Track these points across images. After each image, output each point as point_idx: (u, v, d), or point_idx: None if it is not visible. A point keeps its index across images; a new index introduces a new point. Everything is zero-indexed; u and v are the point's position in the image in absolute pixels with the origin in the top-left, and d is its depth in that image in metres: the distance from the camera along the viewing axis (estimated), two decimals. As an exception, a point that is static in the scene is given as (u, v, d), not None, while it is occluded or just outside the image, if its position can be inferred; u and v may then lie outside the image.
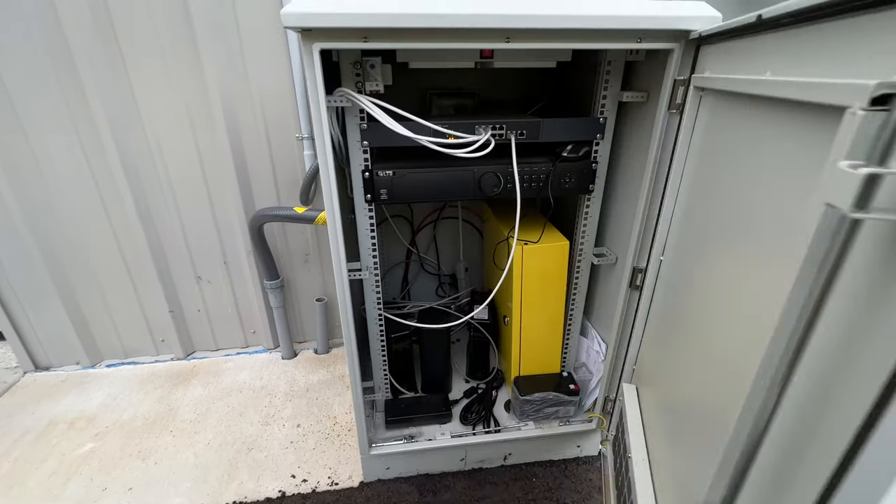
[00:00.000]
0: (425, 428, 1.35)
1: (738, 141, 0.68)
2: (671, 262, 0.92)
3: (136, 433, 1.52)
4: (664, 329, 0.93)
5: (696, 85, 0.77)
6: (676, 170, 0.86)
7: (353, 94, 0.91)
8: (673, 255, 0.91)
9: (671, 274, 0.92)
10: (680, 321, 0.86)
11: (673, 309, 0.90)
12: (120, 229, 1.67)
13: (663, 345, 0.93)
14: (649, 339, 0.99)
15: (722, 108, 0.73)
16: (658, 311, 0.97)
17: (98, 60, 1.43)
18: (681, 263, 0.87)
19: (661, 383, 0.91)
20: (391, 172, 1.05)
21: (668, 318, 0.92)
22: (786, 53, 0.57)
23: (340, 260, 0.99)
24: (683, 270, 0.86)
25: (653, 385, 0.96)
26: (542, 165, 1.10)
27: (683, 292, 0.85)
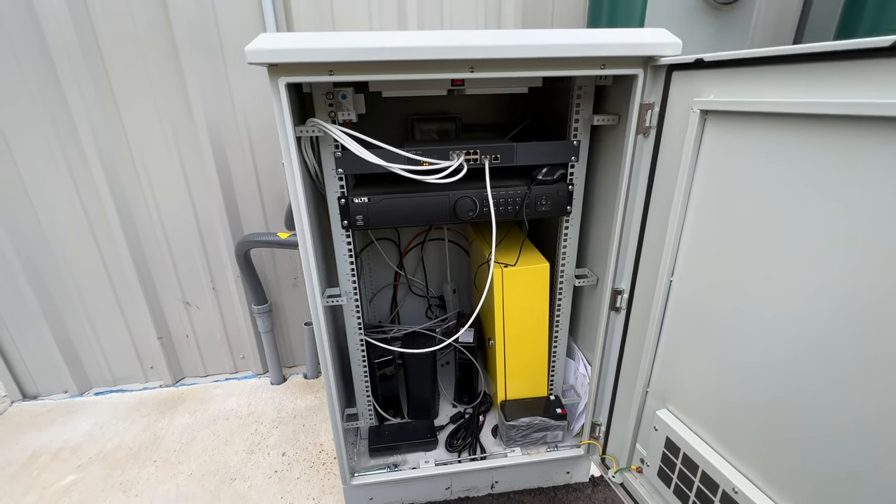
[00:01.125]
0: (410, 455, 1.32)
1: (756, 159, 0.70)
2: (688, 282, 0.91)
3: (119, 464, 1.50)
4: (692, 346, 0.91)
5: (700, 108, 0.78)
6: (681, 193, 0.86)
7: (323, 125, 0.92)
8: (688, 277, 0.90)
9: (689, 293, 0.90)
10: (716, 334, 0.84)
11: (701, 325, 0.88)
12: (108, 255, 1.69)
13: (695, 361, 0.90)
14: (675, 359, 0.96)
15: (733, 130, 0.74)
16: (677, 329, 0.95)
17: (85, 84, 1.46)
18: (701, 283, 0.86)
19: (723, 401, 0.86)
20: (366, 199, 1.06)
21: (698, 335, 0.89)
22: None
23: (314, 287, 0.98)
24: (705, 289, 0.85)
25: (708, 405, 0.90)
26: (518, 189, 1.11)
27: (711, 308, 0.84)
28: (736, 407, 0.81)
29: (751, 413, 0.79)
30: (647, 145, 0.93)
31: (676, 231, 0.89)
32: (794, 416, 0.71)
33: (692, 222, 0.87)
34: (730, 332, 0.80)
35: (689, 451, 0.90)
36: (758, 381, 0.76)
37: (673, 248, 0.91)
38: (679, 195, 0.86)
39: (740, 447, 0.82)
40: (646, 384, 1.06)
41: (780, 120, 0.66)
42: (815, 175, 0.62)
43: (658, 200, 0.93)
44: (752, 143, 0.71)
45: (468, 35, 0.79)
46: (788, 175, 0.66)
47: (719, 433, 0.87)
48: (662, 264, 0.93)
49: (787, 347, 0.70)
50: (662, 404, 1.02)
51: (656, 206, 0.93)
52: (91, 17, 1.41)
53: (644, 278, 1.00)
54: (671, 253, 0.91)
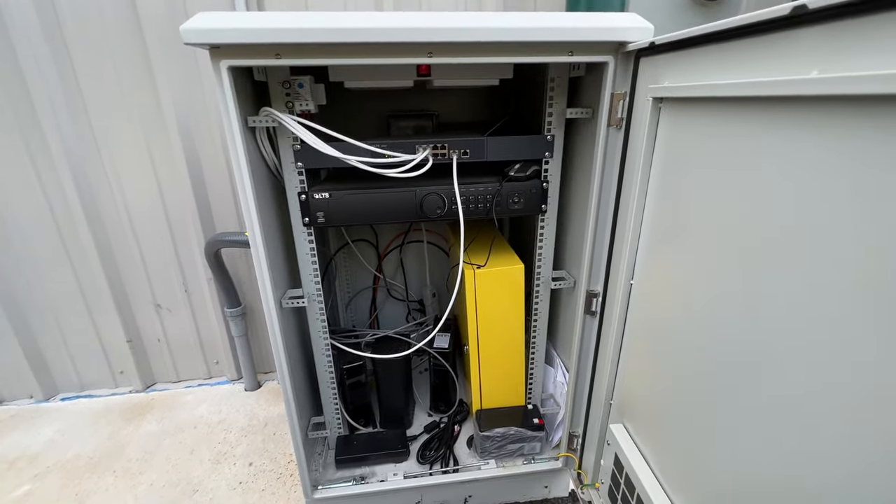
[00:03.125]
0: (380, 467, 1.25)
1: (712, 146, 0.63)
2: (644, 285, 0.84)
3: (77, 473, 1.43)
4: (652, 358, 0.83)
5: (653, 96, 0.72)
6: (636, 186, 0.80)
7: (276, 114, 0.87)
8: (645, 278, 0.84)
9: (646, 298, 0.83)
10: (666, 344, 0.77)
11: (651, 332, 0.81)
12: (75, 255, 1.63)
13: (655, 375, 0.82)
14: (631, 370, 0.90)
15: (688, 117, 0.67)
16: (638, 338, 0.88)
17: (50, 76, 1.41)
18: (658, 285, 0.79)
19: (664, 420, 0.78)
20: (327, 195, 1.00)
21: (655, 345, 0.81)
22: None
23: (266, 286, 0.93)
24: (662, 292, 0.78)
25: (653, 423, 0.83)
26: (490, 185, 1.05)
27: (666, 316, 0.76)
28: (672, 426, 0.75)
29: (688, 436, 0.72)
30: (618, 138, 0.87)
31: (634, 230, 0.83)
32: (733, 444, 0.62)
33: (649, 221, 0.81)
34: (674, 341, 0.74)
35: (630, 471, 0.84)
36: (694, 400, 0.69)
37: (632, 248, 0.85)
38: (635, 191, 0.81)
39: (674, 473, 0.75)
40: (609, 395, 0.99)
41: (726, 105, 0.59)
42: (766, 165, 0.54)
43: (626, 196, 0.87)
44: (703, 131, 0.64)
45: (424, 16, 0.74)
46: (739, 166, 0.58)
47: (657, 454, 0.80)
48: (622, 264, 0.88)
49: (727, 358, 0.63)
50: (621, 418, 0.95)
51: (625, 201, 0.88)
52: (55, 7, 1.37)
53: (613, 281, 0.95)
54: (630, 252, 0.85)
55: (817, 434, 0.49)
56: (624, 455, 0.84)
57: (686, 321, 0.70)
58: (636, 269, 0.85)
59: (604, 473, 0.97)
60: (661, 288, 0.77)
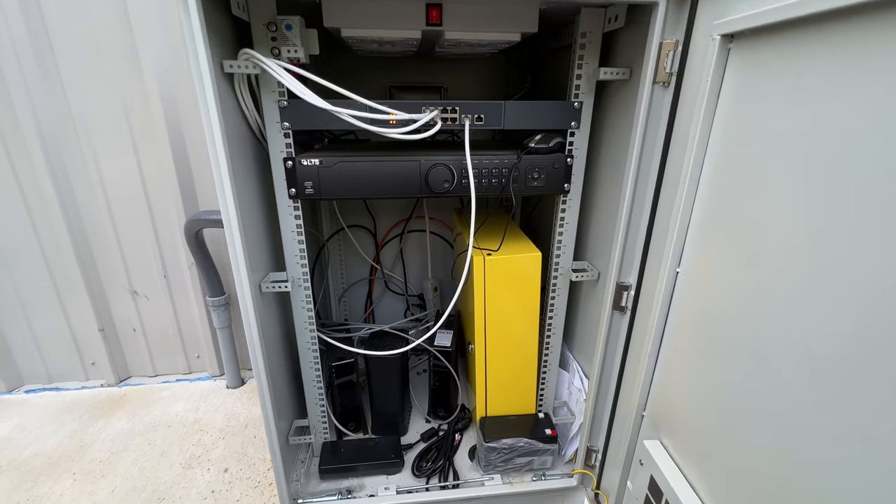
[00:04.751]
0: (369, 479, 1.11)
1: (810, 91, 0.48)
2: (696, 274, 0.69)
3: (32, 475, 1.28)
4: (704, 361, 0.68)
5: (721, 33, 0.58)
6: (690, 153, 0.66)
7: (258, 57, 0.73)
8: (698, 265, 0.69)
9: (699, 289, 0.69)
10: (726, 345, 0.62)
11: (706, 333, 0.67)
12: (43, 232, 1.49)
13: (708, 382, 0.67)
14: (674, 376, 0.75)
15: (773, 54, 0.52)
16: (685, 338, 0.73)
17: (20, 41, 1.28)
18: (717, 273, 0.65)
19: (721, 438, 0.63)
20: (317, 161, 0.86)
21: (710, 346, 0.66)
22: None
23: (239, 264, 0.78)
24: (722, 281, 0.63)
25: (704, 442, 0.68)
26: (506, 158, 0.91)
27: (727, 309, 0.62)
28: (738, 448, 0.60)
29: (755, 458, 0.57)
30: (665, 99, 0.73)
31: (686, 206, 0.69)
32: (817, 468, 0.49)
33: (705, 194, 0.67)
34: (737, 341, 0.59)
35: (671, 498, 0.69)
36: (770, 418, 0.55)
37: (681, 229, 0.70)
38: (689, 159, 0.67)
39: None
40: (642, 405, 0.84)
41: (835, 25, 0.44)
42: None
43: (673, 169, 0.73)
44: (796, 73, 0.49)
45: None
46: (849, 114, 0.44)
47: (710, 479, 0.65)
48: (667, 251, 0.73)
49: (818, 378, 0.49)
50: (657, 433, 0.80)
51: (671, 176, 0.73)
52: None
53: (651, 271, 0.80)
54: (678, 235, 0.71)
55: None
56: (664, 478, 0.70)
57: (757, 315, 0.56)
58: (685, 255, 0.71)
59: (632, 498, 0.82)
60: (722, 276, 0.63)
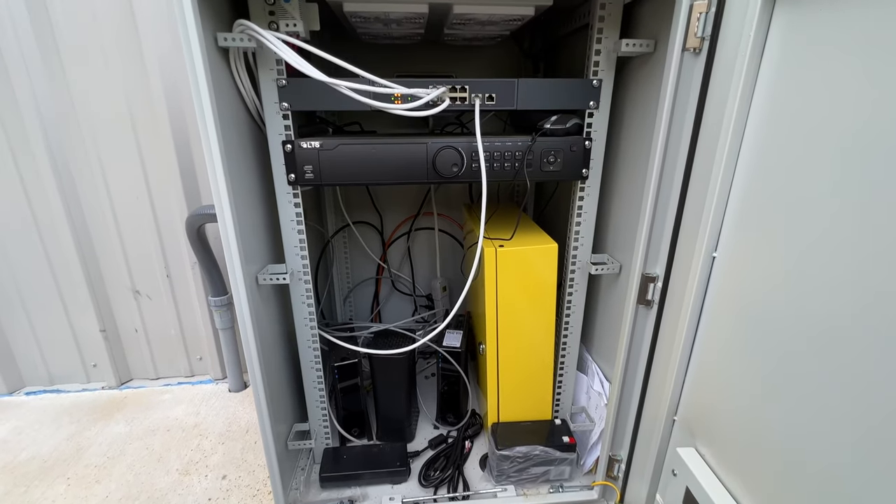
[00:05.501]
0: (373, 489, 1.03)
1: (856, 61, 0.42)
2: (736, 258, 0.62)
3: (26, 479, 1.23)
4: (749, 357, 0.60)
5: None
6: (729, 123, 0.59)
7: (254, 28, 0.68)
8: (739, 248, 0.61)
9: (740, 275, 0.61)
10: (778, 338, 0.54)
11: (749, 324, 0.59)
12: (46, 231, 1.46)
13: (755, 381, 0.58)
14: (711, 376, 0.67)
15: (817, 14, 0.46)
16: (724, 332, 0.65)
17: (24, 33, 1.26)
18: (752, 259, 0.58)
19: (772, 444, 0.55)
20: (317, 144, 0.81)
21: (757, 340, 0.58)
22: None
23: (232, 252, 0.73)
24: (769, 264, 0.56)
25: (750, 449, 0.59)
26: (519, 141, 0.85)
27: (777, 296, 0.54)
28: (784, 455, 0.52)
29: (815, 465, 0.50)
30: (696, 67, 0.66)
31: (724, 181, 0.62)
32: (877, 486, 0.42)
33: (746, 169, 0.59)
34: (794, 336, 0.51)
35: None
36: (832, 418, 0.47)
37: (717, 209, 0.63)
38: (728, 130, 0.60)
39: None
40: (672, 410, 0.76)
41: None
42: None
43: (706, 144, 0.65)
44: (854, 33, 0.43)
45: None
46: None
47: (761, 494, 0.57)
48: (701, 234, 0.65)
49: (873, 373, 0.41)
50: (691, 440, 0.72)
51: (703, 152, 0.66)
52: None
53: (682, 258, 0.72)
54: (714, 216, 0.63)
55: None
56: (702, 490, 0.61)
57: (814, 300, 0.48)
58: (722, 237, 0.63)
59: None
60: (770, 258, 0.55)
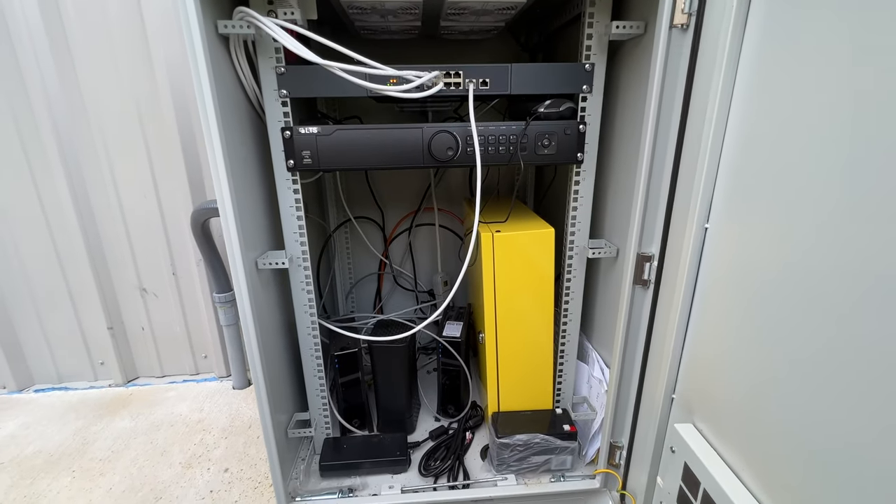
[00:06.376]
0: (373, 478, 1.03)
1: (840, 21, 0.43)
2: (728, 226, 0.62)
3: (32, 472, 1.25)
4: (744, 324, 0.59)
5: None
6: (716, 92, 0.60)
7: (254, 15, 0.71)
8: (730, 217, 0.61)
9: (733, 242, 0.61)
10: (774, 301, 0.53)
11: (743, 296, 0.58)
12: (57, 231, 1.50)
13: (751, 348, 0.58)
14: (706, 348, 0.66)
15: None
16: (719, 301, 0.64)
17: (38, 38, 1.31)
18: (743, 228, 0.58)
19: (770, 413, 0.54)
20: (315, 129, 0.83)
21: (752, 305, 0.57)
22: None
23: (232, 237, 0.74)
24: (749, 238, 0.56)
25: (747, 420, 0.59)
26: (513, 125, 0.86)
27: (772, 258, 0.53)
28: (783, 424, 0.52)
29: (799, 432, 0.49)
30: (684, 43, 0.67)
31: (713, 153, 0.62)
32: (870, 450, 0.42)
33: (734, 136, 0.60)
34: (791, 302, 0.51)
35: (710, 486, 0.59)
36: (820, 387, 0.47)
37: (707, 180, 0.63)
38: (715, 101, 0.60)
39: (781, 486, 0.52)
40: (671, 388, 0.75)
41: None
42: None
43: (696, 118, 0.66)
44: None
45: None
46: None
47: (754, 461, 0.56)
48: (692, 206, 0.66)
49: (868, 335, 0.41)
50: (689, 417, 0.71)
51: (693, 126, 0.67)
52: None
53: (676, 234, 0.72)
54: (705, 187, 0.63)
55: None
56: (700, 464, 0.61)
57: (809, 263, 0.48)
58: (714, 208, 0.63)
59: (664, 495, 0.72)
60: (762, 225, 0.55)
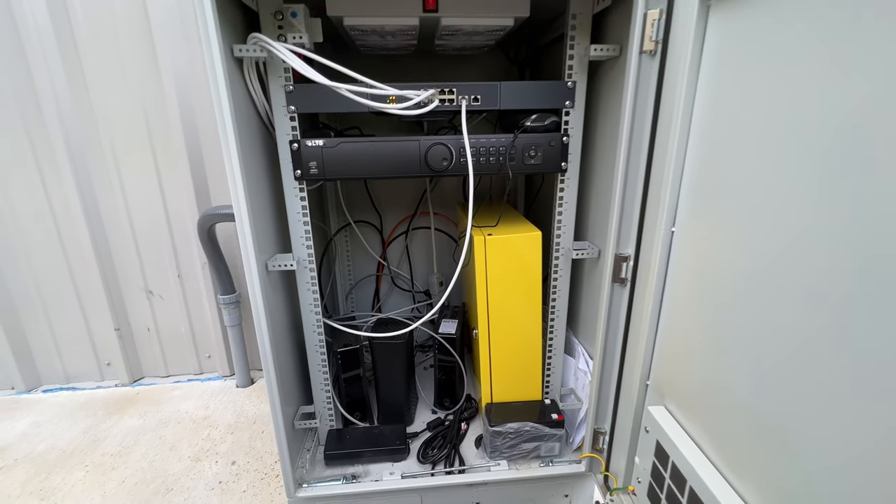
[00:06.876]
0: (374, 466, 1.10)
1: (785, 39, 0.51)
2: (690, 230, 0.70)
3: (45, 467, 1.30)
4: (703, 316, 0.68)
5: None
6: (678, 112, 0.68)
7: (266, 40, 0.78)
8: (691, 221, 0.70)
9: (694, 245, 0.69)
10: (724, 297, 0.62)
11: (700, 288, 0.67)
12: (67, 236, 1.55)
13: (707, 337, 0.67)
14: (674, 339, 0.75)
15: (748, 9, 0.55)
16: (683, 298, 0.73)
17: (50, 51, 1.37)
18: (710, 225, 0.65)
19: (723, 392, 0.63)
20: (321, 142, 0.90)
21: (708, 300, 0.66)
22: None
23: (247, 242, 0.81)
24: (716, 233, 0.64)
25: (706, 400, 0.67)
26: (502, 137, 0.94)
27: (723, 260, 0.62)
28: (735, 403, 0.60)
29: (749, 408, 0.58)
30: (652, 67, 0.76)
31: (677, 163, 0.71)
32: (805, 420, 0.50)
33: (693, 153, 0.68)
34: (734, 299, 0.59)
35: (678, 459, 0.68)
36: (757, 364, 0.56)
37: (672, 189, 0.72)
38: (678, 119, 0.69)
39: (735, 455, 0.60)
40: (645, 375, 0.84)
41: None
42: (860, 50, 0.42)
43: (663, 132, 0.74)
44: (769, 26, 0.52)
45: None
46: (822, 60, 0.45)
47: (714, 435, 0.65)
48: (661, 211, 0.74)
49: (801, 323, 0.50)
50: (661, 400, 0.80)
51: (661, 140, 0.75)
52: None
53: (648, 236, 0.81)
54: (671, 195, 0.72)
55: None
56: (669, 440, 0.69)
57: (753, 264, 0.56)
58: (678, 213, 0.72)
59: (640, 472, 0.80)
60: (715, 228, 0.63)
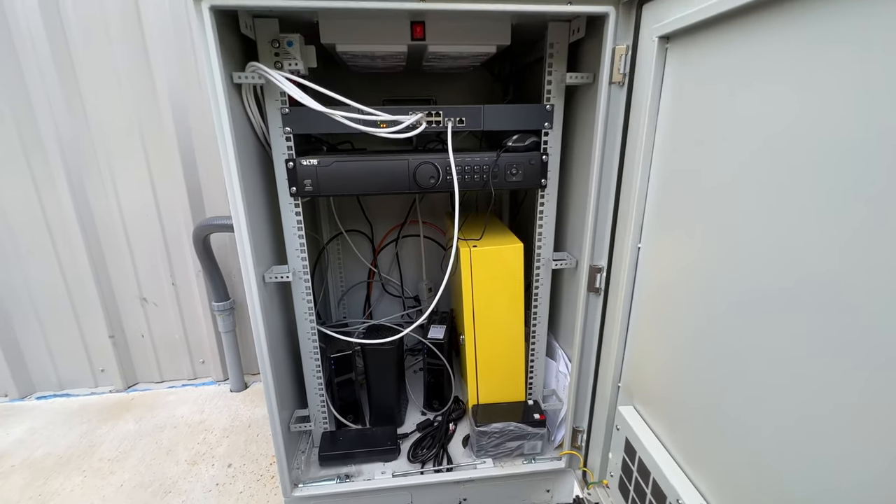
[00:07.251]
0: (367, 466, 1.16)
1: (729, 77, 0.58)
2: (653, 246, 0.78)
3: (43, 472, 1.33)
4: (663, 326, 0.76)
5: (659, 35, 0.68)
6: (642, 139, 0.75)
7: (263, 69, 0.83)
8: (654, 238, 0.77)
9: (656, 261, 0.77)
10: (680, 309, 0.70)
11: (660, 299, 0.75)
12: (61, 243, 1.58)
13: (667, 345, 0.75)
14: (640, 346, 0.83)
15: (699, 49, 0.62)
16: (647, 308, 0.81)
17: (44, 60, 1.40)
18: (668, 243, 0.73)
19: (679, 394, 0.70)
20: (315, 161, 0.96)
21: (667, 311, 0.74)
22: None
23: (246, 255, 0.87)
24: (673, 250, 0.71)
25: (666, 401, 0.75)
26: (486, 156, 1.01)
27: (679, 276, 0.70)
28: (688, 400, 0.68)
29: (701, 406, 0.65)
30: (621, 97, 0.83)
31: (641, 185, 0.78)
32: (748, 415, 0.57)
33: (657, 175, 0.76)
34: (689, 304, 0.67)
35: (643, 454, 0.75)
36: (713, 369, 0.63)
37: (638, 209, 0.79)
38: (641, 145, 0.76)
39: (691, 448, 0.68)
40: (617, 378, 0.91)
41: (743, 21, 0.54)
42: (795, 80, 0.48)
43: (630, 156, 0.82)
44: (717, 62, 0.59)
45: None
46: (763, 92, 0.52)
47: (673, 432, 0.73)
48: (629, 229, 0.82)
49: (747, 330, 0.57)
50: (630, 401, 0.87)
51: (629, 162, 0.83)
52: None
53: (619, 251, 0.88)
54: (636, 215, 0.80)
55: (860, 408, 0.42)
56: (636, 437, 0.76)
57: (704, 279, 0.63)
58: (644, 230, 0.79)
59: (613, 467, 0.88)
60: (673, 245, 0.71)
